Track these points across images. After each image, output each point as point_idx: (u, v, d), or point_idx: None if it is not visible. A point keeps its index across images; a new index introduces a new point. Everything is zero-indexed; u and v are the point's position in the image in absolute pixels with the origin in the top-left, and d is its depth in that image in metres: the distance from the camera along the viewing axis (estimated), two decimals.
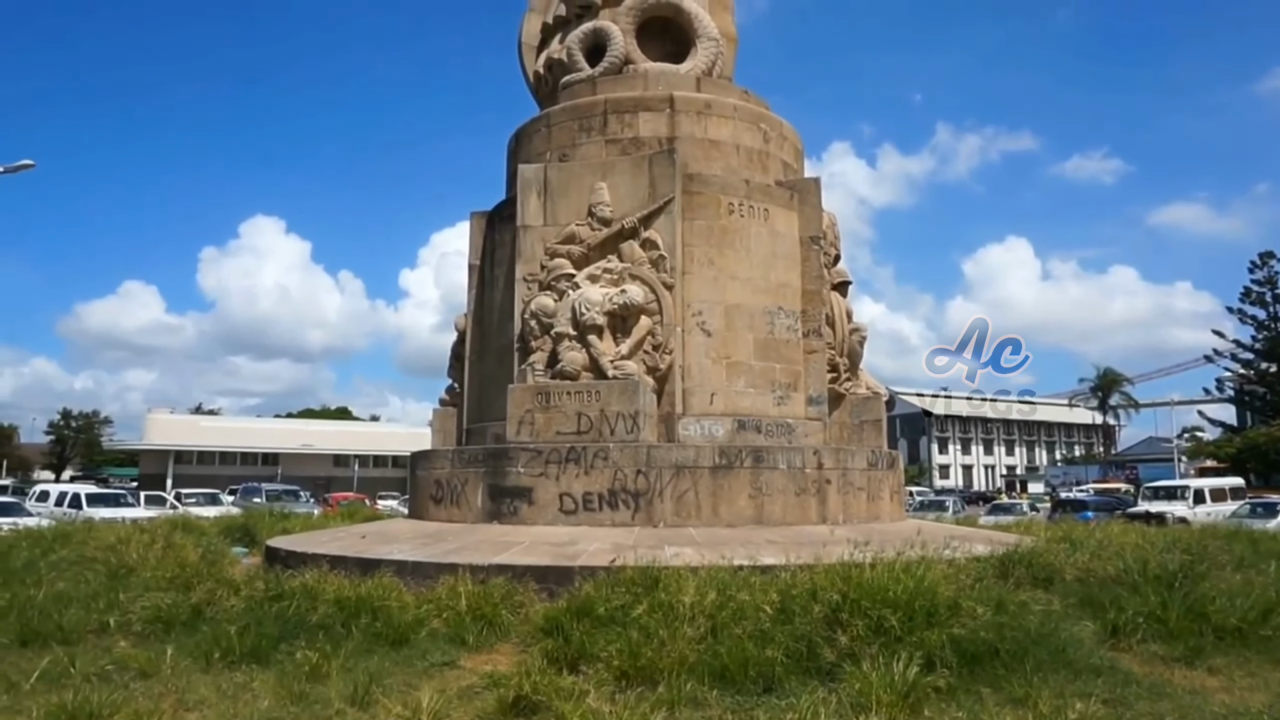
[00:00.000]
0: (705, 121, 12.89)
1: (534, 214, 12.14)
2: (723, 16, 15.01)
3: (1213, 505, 28.77)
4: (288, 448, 68.59)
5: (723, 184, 12.35)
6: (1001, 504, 39.59)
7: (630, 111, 12.81)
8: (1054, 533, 11.85)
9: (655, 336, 11.38)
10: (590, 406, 10.92)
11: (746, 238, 12.32)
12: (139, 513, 23.41)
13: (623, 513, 10.41)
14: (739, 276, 12.18)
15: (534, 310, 11.58)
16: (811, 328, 12.74)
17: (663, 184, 11.78)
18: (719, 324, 11.94)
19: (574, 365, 11.13)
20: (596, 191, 11.89)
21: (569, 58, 14.16)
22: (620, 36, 13.77)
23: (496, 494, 11.01)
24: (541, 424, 11.08)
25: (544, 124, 13.46)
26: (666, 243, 11.60)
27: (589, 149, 12.77)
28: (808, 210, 13.02)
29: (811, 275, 12.86)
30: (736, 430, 11.72)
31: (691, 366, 11.74)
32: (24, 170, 26.04)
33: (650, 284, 11.44)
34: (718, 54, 14.07)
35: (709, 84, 13.59)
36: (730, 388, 11.91)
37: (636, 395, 10.81)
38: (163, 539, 11.17)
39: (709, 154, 12.71)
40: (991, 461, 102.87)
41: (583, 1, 14.42)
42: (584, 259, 11.69)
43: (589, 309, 11.17)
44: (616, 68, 13.69)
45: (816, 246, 12.93)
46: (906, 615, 6.18)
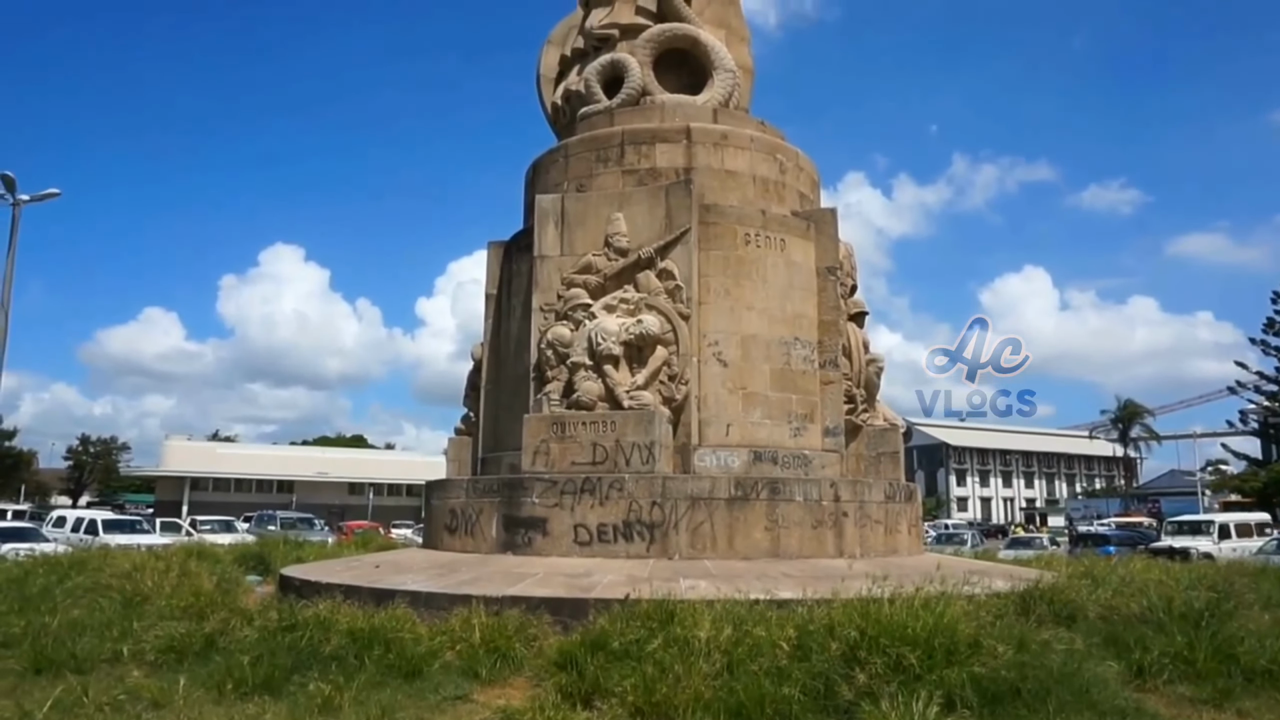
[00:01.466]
0: (722, 152, 12.95)
1: (551, 244, 12.20)
2: (739, 49, 15.14)
3: (1238, 541, 28.24)
4: (303, 475, 68.81)
5: (739, 214, 12.38)
6: (1021, 538, 39.03)
7: (647, 142, 12.90)
8: (1075, 568, 11.64)
9: (671, 367, 11.36)
10: (605, 437, 10.88)
11: (763, 268, 12.32)
12: (154, 539, 23.47)
13: (638, 544, 10.33)
14: (755, 307, 12.16)
15: (550, 340, 11.60)
16: (828, 358, 12.68)
17: (679, 214, 11.82)
18: (735, 355, 11.91)
19: (590, 395, 11.11)
20: (613, 222, 11.95)
21: (587, 89, 14.30)
22: (637, 68, 13.90)
23: (511, 524, 10.96)
24: (557, 454, 11.04)
25: (561, 155, 13.57)
26: (683, 273, 11.61)
27: (606, 179, 12.85)
28: (824, 241, 13.02)
29: (828, 306, 12.83)
30: (752, 462, 11.64)
31: (707, 397, 11.69)
32: (50, 199, 26.50)
33: (666, 314, 11.44)
34: (734, 85, 14.17)
35: (725, 115, 13.67)
36: (746, 419, 11.85)
37: (652, 426, 10.77)
38: (177, 567, 11.17)
39: (725, 185, 12.76)
40: (1010, 494, 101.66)
41: (600, 34, 14.60)
42: (600, 289, 11.72)
43: (605, 339, 11.17)
44: (634, 99, 13.81)
45: (833, 277, 12.91)
46: (926, 653, 6.06)
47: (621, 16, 14.54)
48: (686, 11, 14.37)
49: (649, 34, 14.12)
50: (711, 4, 15.08)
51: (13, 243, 25.17)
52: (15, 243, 25.20)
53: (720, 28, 14.91)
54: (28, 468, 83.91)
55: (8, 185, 25.02)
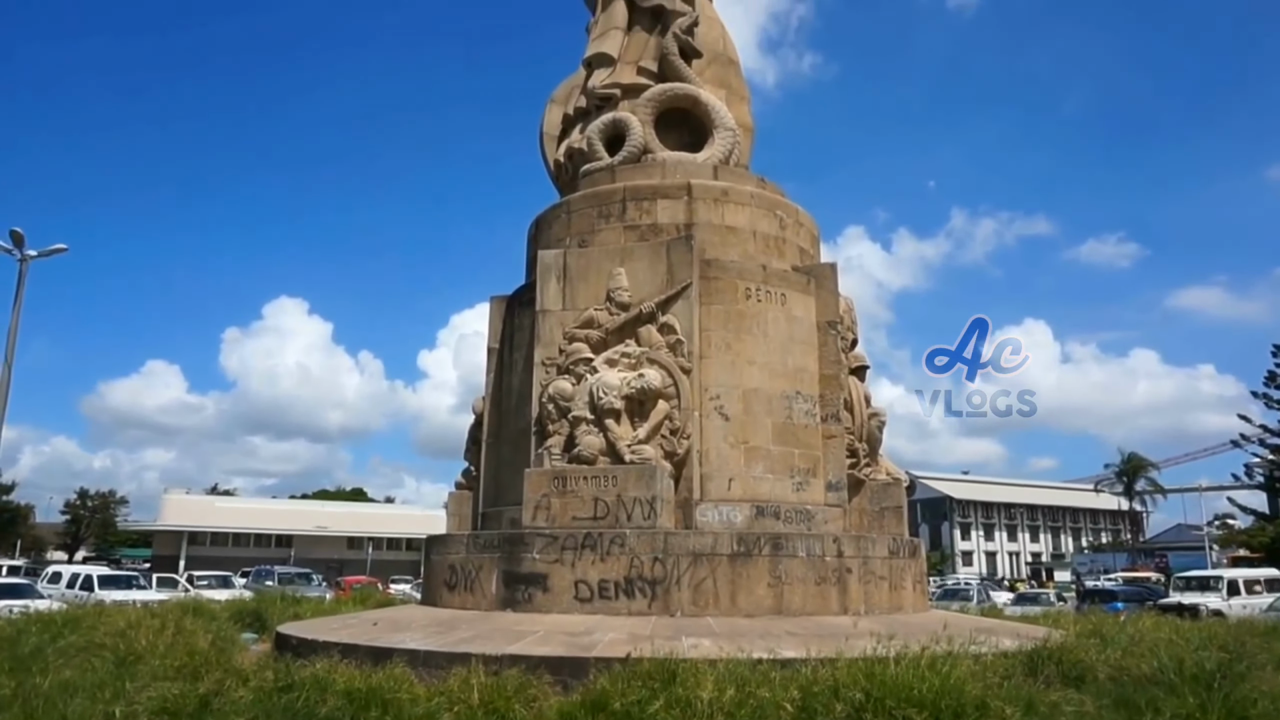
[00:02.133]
0: (722, 208, 13.11)
1: (553, 298, 12.29)
2: (739, 107, 15.44)
3: (1248, 598, 27.81)
4: (301, 529, 68.21)
5: (740, 269, 12.49)
6: (1027, 593, 38.48)
7: (649, 199, 13.07)
8: (1083, 626, 11.48)
9: (673, 421, 11.35)
10: (607, 492, 10.82)
11: (764, 322, 12.38)
12: (150, 595, 23.20)
13: (639, 601, 10.20)
14: (757, 361, 12.19)
15: (551, 394, 11.61)
16: (830, 412, 12.67)
17: (680, 269, 11.93)
18: (737, 409, 11.91)
19: (591, 450, 11.08)
20: (615, 277, 12.05)
21: (589, 147, 14.54)
22: (639, 126, 14.16)
23: (511, 580, 10.83)
24: (558, 509, 10.97)
25: (564, 210, 13.75)
26: (684, 327, 11.67)
27: (608, 235, 12.99)
28: (825, 295, 13.11)
29: (829, 360, 12.86)
30: (755, 517, 11.55)
31: (709, 451, 11.66)
32: (57, 254, 26.77)
33: (668, 368, 11.47)
34: (734, 143, 14.41)
35: (726, 172, 13.88)
36: (748, 473, 11.79)
37: (654, 480, 10.71)
38: (173, 624, 11.03)
39: (726, 240, 12.89)
40: (1016, 548, 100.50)
41: (603, 94, 14.90)
42: (602, 343, 11.77)
43: (606, 393, 11.18)
44: (635, 156, 14.03)
45: (834, 331, 12.96)
46: (933, 715, 5.95)
47: (623, 77, 14.87)
48: (687, 72, 14.70)
49: (650, 93, 14.41)
50: (711, 65, 15.44)
51: (18, 297, 25.36)
52: (21, 297, 25.38)
53: (720, 87, 15.24)
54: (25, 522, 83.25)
55: (16, 241, 25.29)
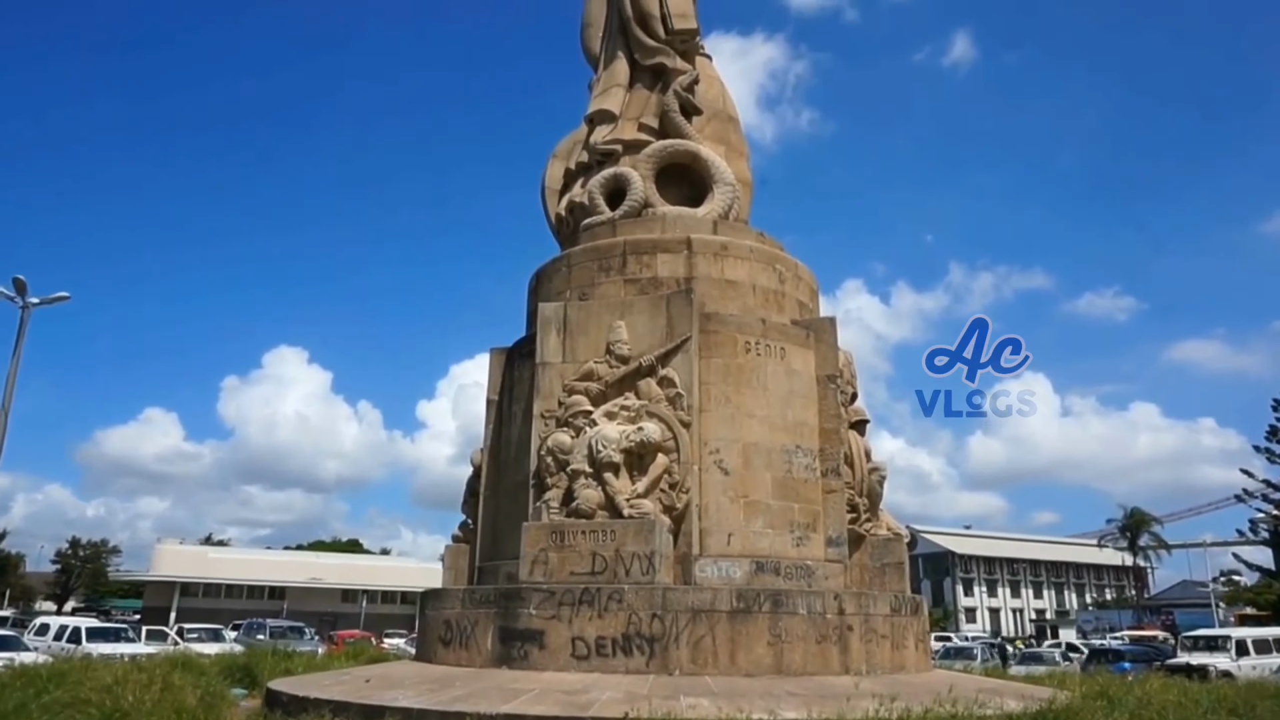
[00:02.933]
0: (722, 262, 13.21)
1: (553, 351, 12.30)
2: (738, 163, 15.65)
3: (1257, 658, 27.32)
4: (295, 581, 67.28)
5: (739, 323, 12.52)
6: (1033, 652, 37.84)
7: (649, 252, 13.17)
8: (1090, 687, 11.25)
9: (672, 475, 11.27)
10: (605, 546, 10.70)
11: (763, 376, 12.38)
12: (139, 649, 22.80)
13: (637, 659, 10.01)
14: (756, 415, 12.16)
15: (550, 447, 11.55)
16: (830, 466, 12.60)
17: (680, 323, 11.96)
18: (736, 462, 11.83)
19: (589, 503, 10.98)
20: (615, 330, 12.08)
21: (590, 201, 14.71)
22: (640, 182, 14.34)
23: (507, 636, 10.65)
24: (555, 564, 10.83)
25: (565, 264, 13.84)
26: (684, 381, 11.66)
27: (608, 288, 13.06)
28: (824, 349, 13.13)
29: (829, 413, 12.83)
30: (754, 572, 11.40)
31: (709, 506, 11.56)
32: (59, 303, 26.89)
33: (667, 422, 11.43)
34: (734, 198, 14.58)
35: (725, 226, 14.01)
36: (748, 528, 11.68)
37: (652, 535, 10.60)
38: (160, 679, 10.77)
39: (726, 294, 12.96)
40: (1019, 605, 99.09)
41: (604, 149, 15.12)
42: (602, 396, 11.75)
43: (605, 446, 11.12)
44: (636, 211, 14.18)
45: (833, 385, 12.95)
46: None
47: (625, 133, 15.10)
48: (687, 129, 14.94)
49: (651, 149, 14.63)
50: (711, 121, 15.69)
51: (18, 345, 25.38)
52: (21, 345, 25.42)
53: (720, 144, 15.47)
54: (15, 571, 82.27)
55: (18, 288, 25.42)
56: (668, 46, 15.41)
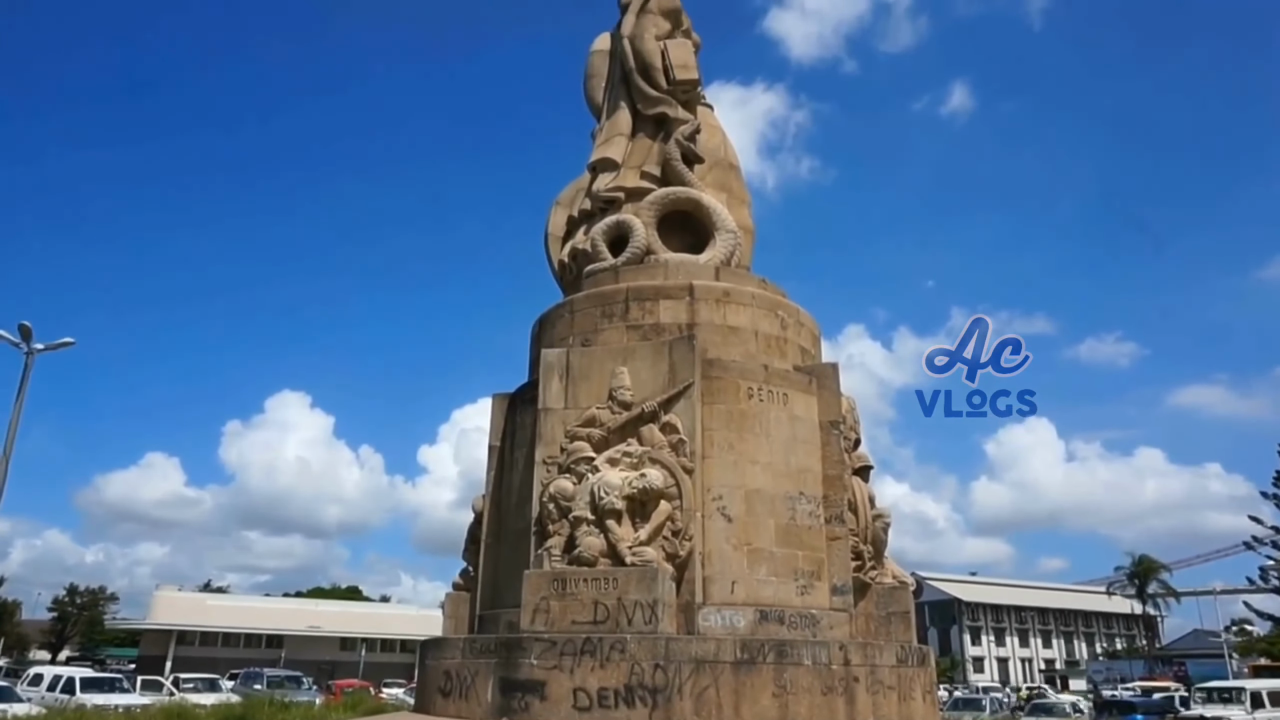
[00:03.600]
0: (724, 309, 13.26)
1: (555, 397, 12.30)
2: (740, 210, 15.80)
3: (1272, 710, 26.84)
4: (294, 629, 66.51)
5: (742, 369, 12.53)
6: (1043, 703, 37.14)
7: (651, 299, 13.23)
8: None
9: (675, 522, 11.18)
10: (607, 595, 10.57)
11: (766, 422, 12.34)
12: (134, 699, 22.50)
13: (639, 710, 9.83)
14: (759, 461, 12.10)
15: (552, 493, 11.48)
16: (834, 513, 12.50)
17: (683, 369, 11.97)
18: (739, 509, 11.75)
19: (591, 551, 10.88)
20: (617, 376, 12.08)
21: (593, 248, 14.82)
22: (642, 229, 14.46)
23: (507, 687, 10.47)
24: (557, 612, 10.70)
25: (567, 310, 13.90)
26: (686, 427, 11.63)
27: (610, 334, 13.09)
28: (826, 395, 13.11)
29: (832, 460, 12.76)
30: (759, 621, 11.25)
31: (712, 553, 11.45)
32: (64, 348, 26.99)
33: (670, 468, 11.37)
34: (736, 245, 14.69)
35: (727, 273, 14.09)
36: (752, 576, 11.55)
37: (655, 584, 10.48)
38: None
39: (728, 340, 12.98)
40: (1028, 654, 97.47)
41: (607, 197, 15.28)
42: (604, 442, 11.71)
43: (608, 493, 11.05)
44: (638, 257, 14.28)
45: (836, 431, 12.91)
46: None
47: (627, 181, 15.28)
48: (689, 176, 15.11)
49: (653, 197, 14.78)
50: (713, 169, 15.88)
51: (22, 391, 25.41)
52: (24, 391, 25.45)
53: (721, 191, 15.63)
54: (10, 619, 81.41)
55: (24, 334, 25.52)
56: (669, 96, 15.66)
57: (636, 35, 16.07)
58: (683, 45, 16.24)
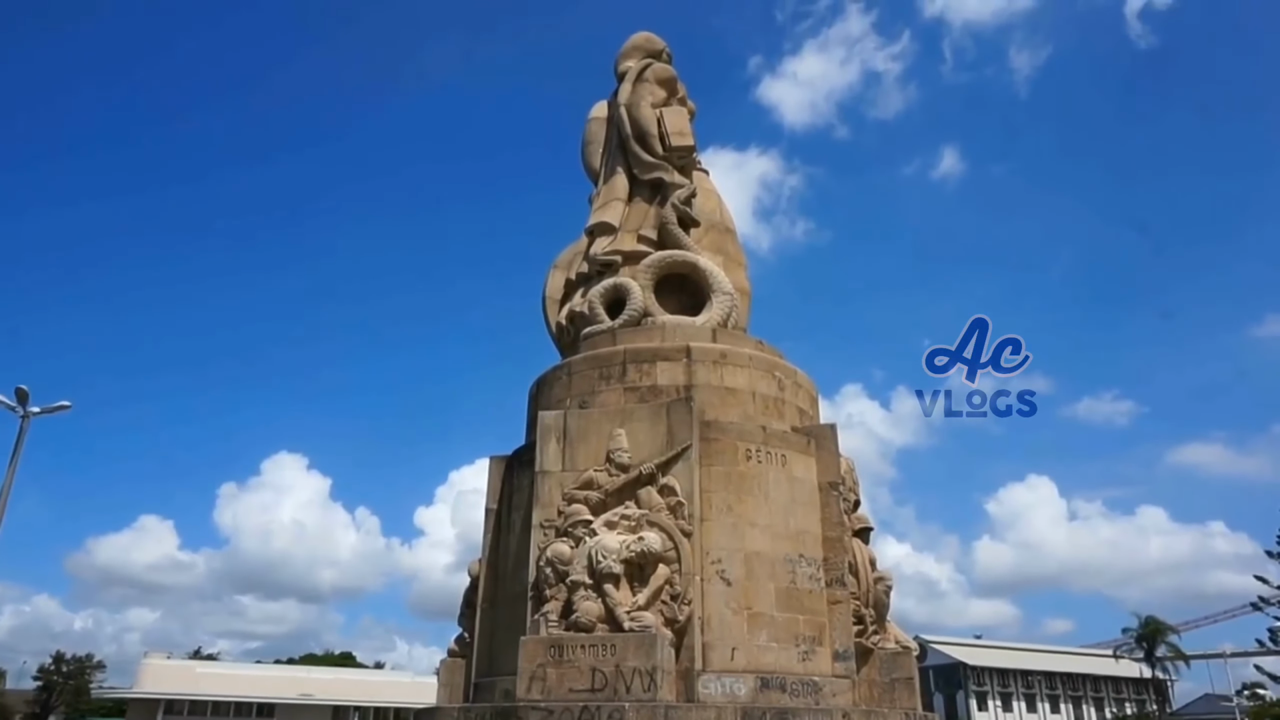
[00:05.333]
0: (721, 370, 13.29)
1: (553, 459, 12.24)
2: (736, 272, 15.96)
3: None
4: (285, 697, 64.94)
5: (740, 431, 12.51)
6: None
7: (648, 361, 13.28)
8: None
9: (674, 586, 11.03)
10: (605, 662, 10.38)
11: (765, 484, 12.28)
12: None
13: None
14: (758, 523, 12.00)
15: (550, 557, 11.35)
16: (834, 576, 12.35)
17: (680, 431, 11.95)
18: (739, 573, 11.61)
19: (589, 616, 10.71)
20: (615, 438, 12.05)
21: (590, 310, 14.93)
22: (639, 291, 14.58)
23: None
24: (554, 680, 10.48)
25: (565, 372, 13.93)
26: (685, 489, 11.56)
27: (608, 396, 13.10)
28: (825, 456, 13.07)
29: (832, 521, 12.66)
30: (759, 689, 11.02)
31: (711, 618, 11.27)
32: (60, 411, 26.92)
33: (668, 531, 11.27)
34: (732, 307, 14.80)
35: (724, 335, 14.17)
36: (752, 641, 11.36)
37: (654, 650, 10.29)
38: None
39: (726, 401, 12.99)
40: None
41: (604, 260, 15.45)
42: (602, 505, 11.62)
43: (605, 557, 10.93)
44: (635, 320, 14.37)
45: (835, 492, 12.83)
46: None
47: (624, 244, 15.47)
48: (685, 240, 15.30)
49: (650, 260, 14.94)
50: (709, 233, 16.10)
51: (16, 455, 25.27)
52: (18, 455, 25.31)
53: (717, 253, 15.82)
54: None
55: (20, 398, 25.48)
56: (665, 162, 15.95)
57: (633, 103, 16.44)
58: (678, 112, 16.61)
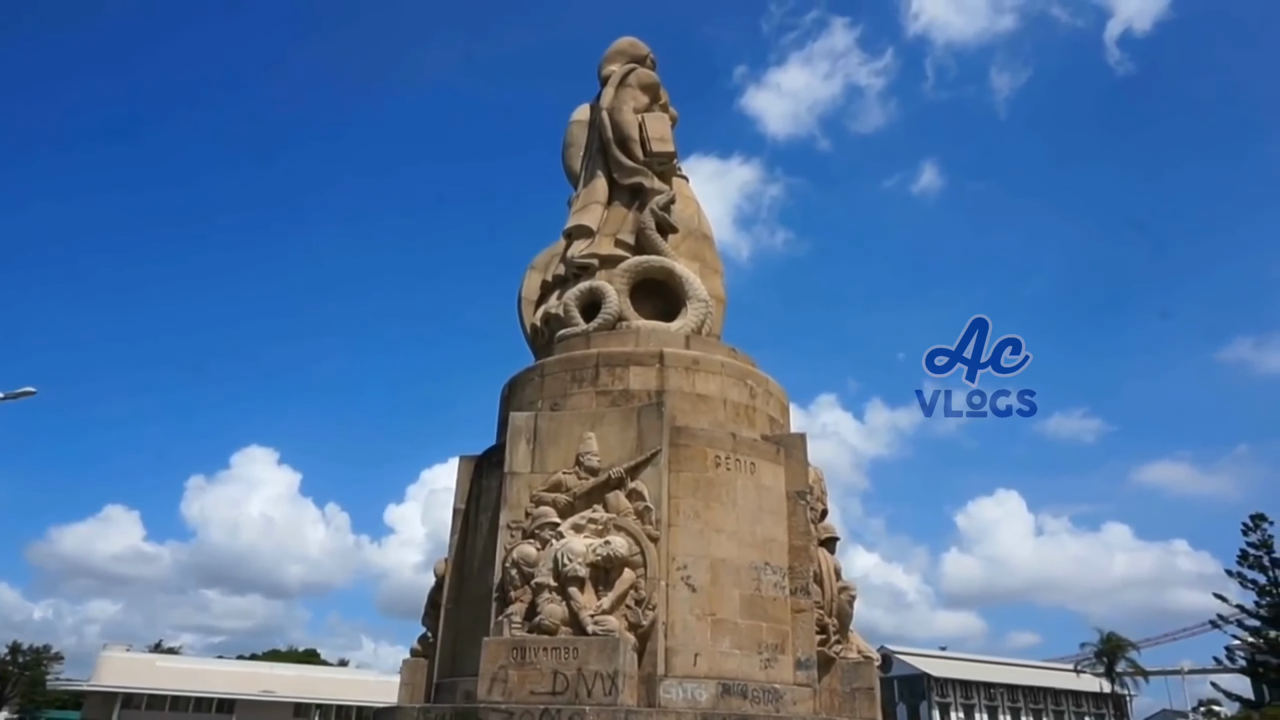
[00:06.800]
0: (693, 376, 13.35)
1: (522, 461, 12.23)
2: (712, 280, 16.03)
3: None
4: (246, 693, 64.21)
5: (710, 437, 12.56)
6: None
7: (621, 365, 13.30)
8: None
9: (638, 590, 11.06)
10: (567, 665, 10.38)
11: (733, 491, 12.34)
12: None
13: None
14: (725, 530, 12.05)
15: (515, 559, 11.33)
16: (799, 585, 12.42)
17: (650, 436, 11.98)
18: (704, 579, 11.65)
19: (553, 619, 10.70)
20: (585, 441, 12.06)
21: (565, 313, 14.93)
22: (614, 295, 14.60)
23: None
24: (515, 682, 10.47)
25: (538, 374, 13.92)
26: (653, 494, 11.59)
27: (580, 399, 13.11)
28: (794, 465, 13.15)
29: (798, 530, 12.74)
30: (721, 695, 11.06)
31: (675, 624, 11.30)
32: (25, 397, 26.51)
33: (635, 535, 11.29)
34: (707, 314, 14.86)
35: (698, 341, 14.23)
36: (715, 648, 11.40)
37: (616, 654, 10.31)
38: None
39: (697, 408, 13.04)
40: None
41: (581, 263, 15.46)
42: (569, 508, 11.63)
43: (571, 559, 10.93)
44: (610, 324, 14.39)
45: (803, 501, 12.92)
46: None
47: (601, 248, 15.49)
48: (663, 246, 15.35)
49: (627, 264, 14.98)
50: (686, 239, 16.15)
51: None
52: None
53: (694, 260, 15.88)
54: None
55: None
56: (646, 168, 16.00)
57: (615, 108, 16.48)
58: (660, 119, 16.67)
